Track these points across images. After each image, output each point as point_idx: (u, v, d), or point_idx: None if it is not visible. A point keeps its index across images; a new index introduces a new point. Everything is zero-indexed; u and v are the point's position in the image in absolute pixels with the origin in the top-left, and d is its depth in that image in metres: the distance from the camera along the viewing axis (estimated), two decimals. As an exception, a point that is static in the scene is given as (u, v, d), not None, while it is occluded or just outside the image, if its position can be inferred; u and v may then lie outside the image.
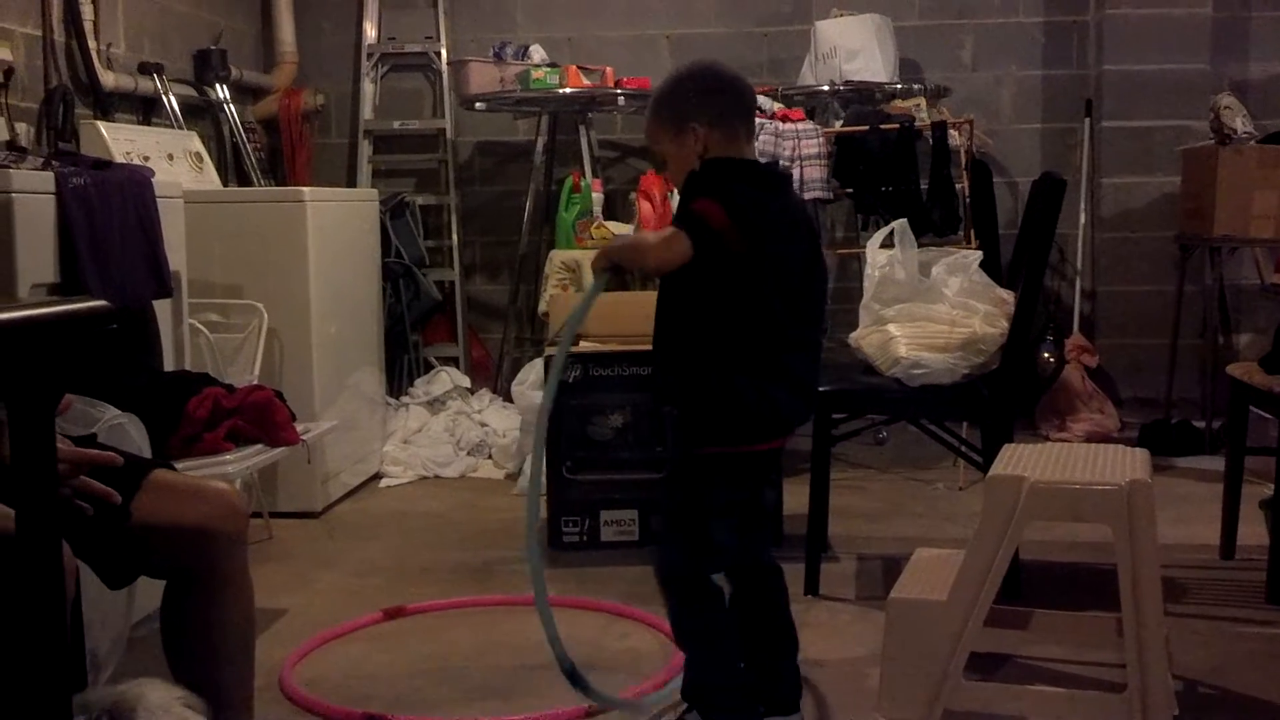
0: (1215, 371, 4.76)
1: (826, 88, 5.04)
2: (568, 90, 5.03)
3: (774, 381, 2.26)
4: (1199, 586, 3.28)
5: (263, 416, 3.15)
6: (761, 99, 4.84)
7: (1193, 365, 5.14)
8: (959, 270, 3.30)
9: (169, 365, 3.35)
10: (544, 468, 2.37)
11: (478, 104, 5.25)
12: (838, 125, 4.93)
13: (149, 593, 2.88)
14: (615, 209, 5.36)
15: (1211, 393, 4.91)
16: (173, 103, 4.57)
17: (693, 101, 2.33)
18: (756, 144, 4.49)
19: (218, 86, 5.03)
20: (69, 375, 1.72)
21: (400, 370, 5.44)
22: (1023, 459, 2.38)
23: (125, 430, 2.56)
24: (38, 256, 2.76)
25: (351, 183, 5.71)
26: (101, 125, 3.90)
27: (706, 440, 2.30)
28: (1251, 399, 3.35)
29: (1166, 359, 5.10)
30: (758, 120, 4.60)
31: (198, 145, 4.40)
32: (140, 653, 2.70)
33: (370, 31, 5.73)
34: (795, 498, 3.58)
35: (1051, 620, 2.62)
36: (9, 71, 3.67)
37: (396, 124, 5.71)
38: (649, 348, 2.39)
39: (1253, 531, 3.47)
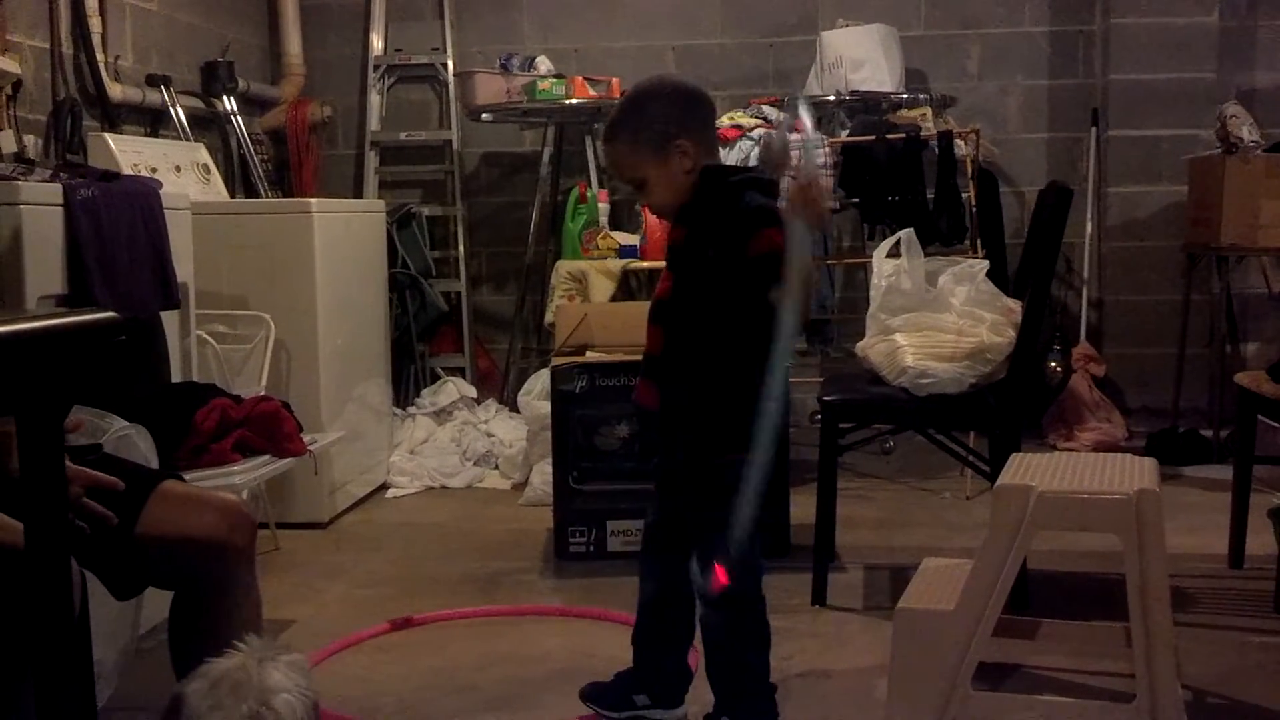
0: (1223, 380, 4.76)
1: (832, 98, 5.04)
2: (574, 101, 5.04)
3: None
4: (1208, 596, 3.27)
5: (270, 427, 3.15)
6: (767, 109, 4.85)
7: (1200, 374, 5.13)
8: (966, 280, 3.29)
9: (176, 376, 3.36)
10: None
11: (484, 115, 5.27)
12: (844, 135, 4.93)
13: (156, 605, 2.88)
14: (621, 219, 5.37)
15: (1219, 402, 4.91)
16: (180, 115, 4.59)
17: (673, 118, 2.29)
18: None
19: (225, 98, 5.04)
20: (77, 386, 1.73)
21: (407, 381, 5.45)
22: (1030, 468, 2.37)
23: (133, 441, 2.56)
24: (46, 268, 2.77)
25: (358, 194, 5.72)
26: (109, 137, 3.91)
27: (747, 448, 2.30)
28: (1259, 408, 3.34)
29: (1174, 368, 5.09)
30: (764, 130, 4.62)
31: (205, 157, 4.41)
32: (147, 665, 2.70)
33: (377, 43, 5.75)
34: (802, 508, 3.57)
35: (1060, 630, 2.61)
36: (17, 84, 3.68)
37: (403, 135, 5.72)
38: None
39: (1261, 541, 3.45)
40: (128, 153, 3.90)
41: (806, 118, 2.41)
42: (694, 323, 2.29)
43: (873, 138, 4.77)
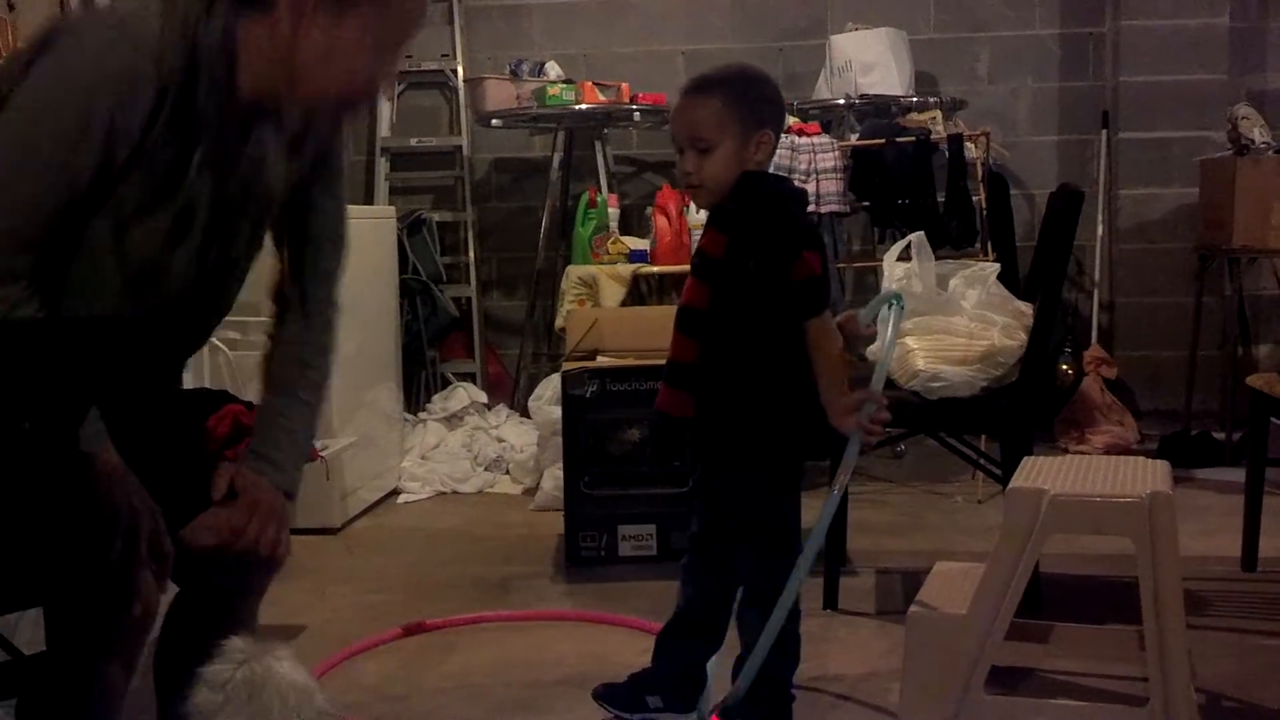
0: (1235, 382, 4.74)
1: (842, 101, 5.04)
2: (583, 106, 5.04)
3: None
4: (1221, 599, 3.26)
5: (281, 433, 3.15)
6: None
7: (1212, 376, 5.12)
8: (977, 283, 3.29)
9: (188, 383, 3.36)
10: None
11: (494, 121, 5.27)
12: (853, 139, 4.93)
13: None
14: (631, 224, 5.37)
15: (1231, 404, 4.89)
16: (191, 122, 4.59)
17: (772, 108, 2.29)
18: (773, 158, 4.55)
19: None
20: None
21: (418, 386, 5.45)
22: (1043, 471, 2.37)
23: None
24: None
25: (369, 200, 5.73)
26: (121, 145, 3.92)
27: (786, 453, 2.33)
28: (1272, 410, 3.33)
29: (1186, 370, 5.08)
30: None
31: (216, 164, 4.41)
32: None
33: (387, 49, 5.74)
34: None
35: (1073, 633, 2.61)
36: (29, 92, 3.69)
37: (413, 141, 5.73)
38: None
39: (1274, 543, 3.45)
40: (139, 160, 3.91)
41: (892, 326, 2.36)
42: (733, 335, 2.27)
43: (883, 141, 4.77)
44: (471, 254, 5.69)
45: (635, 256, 4.68)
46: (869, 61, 5.06)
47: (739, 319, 2.26)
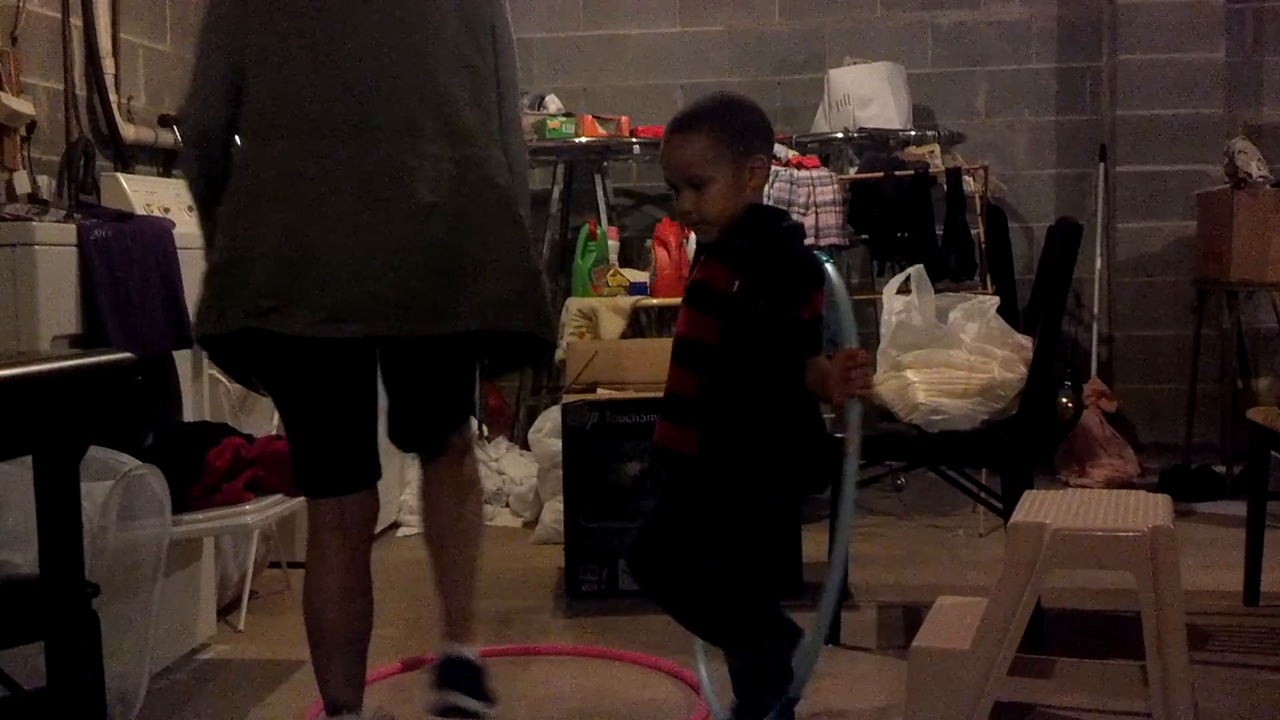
0: (1235, 416, 4.74)
1: (841, 135, 5.07)
2: (583, 139, 5.07)
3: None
4: (1223, 633, 3.25)
5: (282, 466, 3.15)
6: (776, 147, 4.87)
7: (1212, 410, 5.12)
8: (976, 316, 3.30)
9: (189, 416, 3.37)
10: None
11: (494, 154, 5.28)
12: (852, 172, 4.96)
13: (168, 646, 2.89)
14: (631, 257, 5.38)
15: (1231, 437, 4.89)
16: (192, 155, 4.60)
17: (761, 133, 2.28)
18: (772, 191, 4.56)
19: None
20: (93, 426, 1.74)
21: (417, 419, 5.43)
22: (1044, 505, 2.37)
23: (146, 481, 2.56)
24: (59, 308, 2.79)
25: (369, 232, 5.72)
26: (122, 177, 3.93)
27: (779, 491, 2.33)
28: (1273, 443, 3.33)
29: (1185, 403, 5.08)
30: (773, 168, 4.65)
31: (217, 196, 4.42)
32: (160, 705, 2.70)
33: (387, 83, 5.77)
34: (815, 545, 3.56)
35: (1075, 669, 2.60)
36: (31, 125, 3.70)
37: (413, 174, 5.73)
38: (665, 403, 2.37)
39: (1276, 578, 3.44)
40: (140, 193, 3.92)
41: (835, 280, 2.34)
42: (742, 371, 2.25)
43: (881, 175, 4.80)
44: (471, 286, 5.69)
45: (635, 289, 4.69)
46: (867, 95, 5.09)
47: (749, 356, 2.25)
